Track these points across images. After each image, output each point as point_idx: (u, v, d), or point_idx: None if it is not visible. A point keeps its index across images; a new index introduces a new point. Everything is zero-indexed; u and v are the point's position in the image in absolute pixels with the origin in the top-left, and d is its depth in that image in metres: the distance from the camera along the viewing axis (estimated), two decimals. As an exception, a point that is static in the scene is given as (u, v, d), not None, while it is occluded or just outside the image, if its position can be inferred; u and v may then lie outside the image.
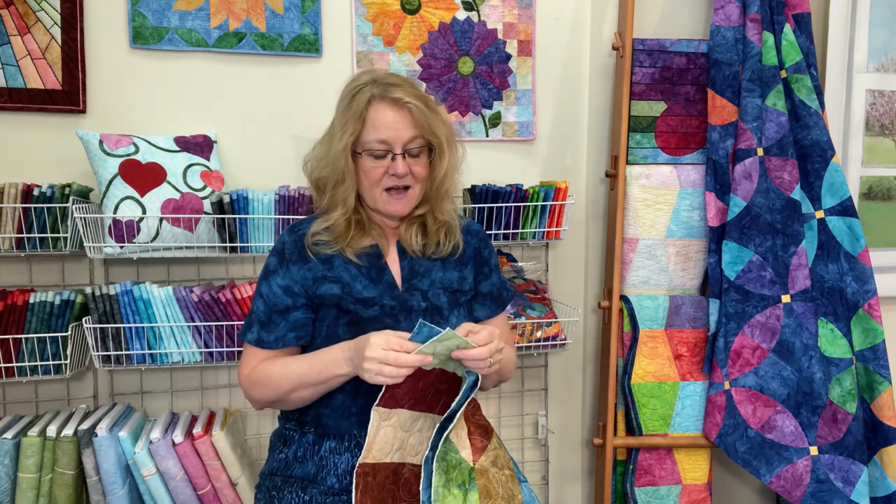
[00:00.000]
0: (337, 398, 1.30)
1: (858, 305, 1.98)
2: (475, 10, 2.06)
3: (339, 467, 1.29)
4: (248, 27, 1.91)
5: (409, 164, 1.31)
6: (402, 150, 1.30)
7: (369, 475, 1.20)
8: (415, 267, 1.36)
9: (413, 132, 1.30)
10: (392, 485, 1.23)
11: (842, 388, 1.96)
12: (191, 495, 1.68)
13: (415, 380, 1.23)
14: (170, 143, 1.80)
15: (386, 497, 1.22)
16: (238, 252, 1.77)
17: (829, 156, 1.97)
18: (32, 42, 1.80)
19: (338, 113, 1.34)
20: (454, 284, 1.38)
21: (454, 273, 1.39)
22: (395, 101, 1.29)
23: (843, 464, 1.92)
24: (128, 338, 1.74)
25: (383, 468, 1.22)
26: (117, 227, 1.67)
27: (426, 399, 1.26)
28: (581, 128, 2.18)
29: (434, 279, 1.36)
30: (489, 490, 1.25)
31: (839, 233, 1.99)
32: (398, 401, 1.23)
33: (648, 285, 2.06)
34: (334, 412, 1.31)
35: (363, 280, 1.32)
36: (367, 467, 1.20)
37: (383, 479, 1.22)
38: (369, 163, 1.31)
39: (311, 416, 1.33)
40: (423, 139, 1.32)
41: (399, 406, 1.24)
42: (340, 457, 1.30)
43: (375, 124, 1.29)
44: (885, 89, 2.25)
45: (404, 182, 1.32)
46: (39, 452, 1.63)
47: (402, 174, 1.30)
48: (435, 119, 1.32)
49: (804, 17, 2.00)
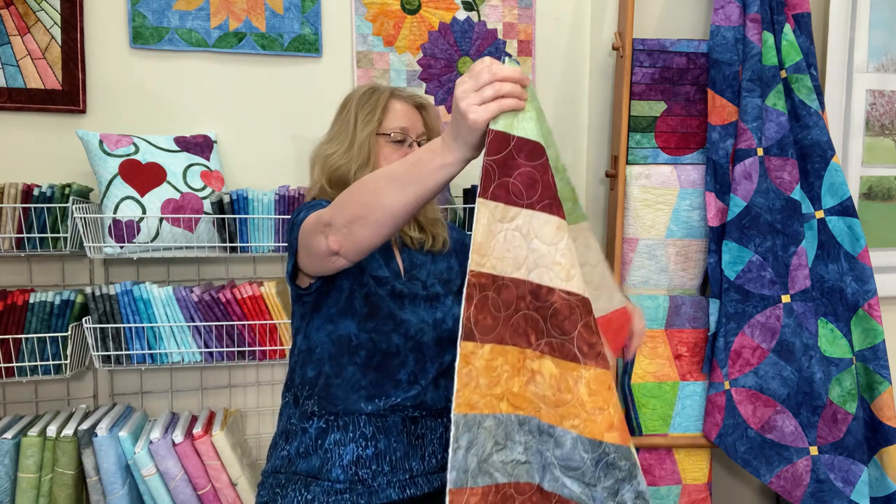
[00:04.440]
0: (348, 370, 1.31)
1: (858, 305, 1.98)
2: (475, 10, 2.06)
3: (345, 458, 1.30)
4: (248, 27, 1.91)
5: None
6: (416, 139, 1.43)
7: (489, 291, 0.90)
8: (413, 259, 1.42)
9: (423, 129, 1.45)
10: (538, 312, 0.92)
11: (842, 388, 1.96)
12: (191, 495, 1.68)
13: (538, 163, 0.91)
14: (170, 143, 1.80)
15: (527, 329, 0.92)
16: (238, 252, 1.77)
17: (829, 156, 1.97)
18: (32, 42, 1.80)
19: (355, 108, 1.43)
20: (445, 274, 1.45)
21: (443, 264, 1.46)
22: (411, 99, 1.46)
23: (843, 464, 1.92)
24: (128, 338, 1.74)
25: (512, 284, 0.91)
26: (117, 227, 1.67)
27: (556, 199, 0.93)
28: (581, 128, 2.18)
29: (430, 270, 1.43)
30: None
31: (839, 233, 1.99)
32: (517, 191, 0.91)
33: (648, 285, 2.06)
34: (344, 383, 1.31)
35: (378, 260, 1.37)
36: (480, 278, 0.89)
37: (517, 301, 0.92)
38: (389, 149, 1.41)
39: (321, 388, 1.33)
40: (427, 135, 1.45)
41: (522, 202, 0.91)
42: (345, 448, 1.30)
43: (396, 115, 1.42)
44: (885, 89, 2.25)
45: None
46: (39, 452, 1.63)
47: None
48: (439, 123, 1.48)
49: (804, 17, 2.00)
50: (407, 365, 1.33)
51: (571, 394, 0.91)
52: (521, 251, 0.92)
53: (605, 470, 0.92)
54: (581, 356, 0.91)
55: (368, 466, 1.30)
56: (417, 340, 1.34)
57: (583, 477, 0.93)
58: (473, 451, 0.91)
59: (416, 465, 1.32)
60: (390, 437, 1.31)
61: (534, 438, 0.95)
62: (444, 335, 1.37)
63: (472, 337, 0.90)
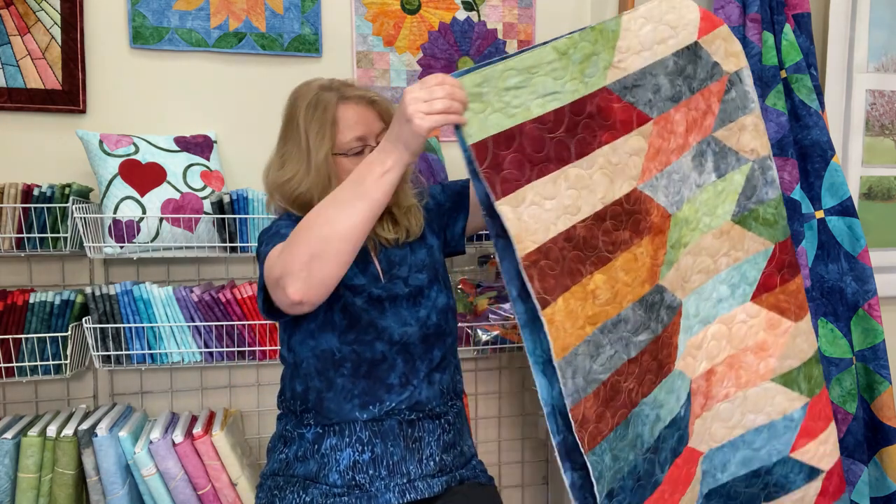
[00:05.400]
0: (337, 382, 1.30)
1: (858, 305, 1.98)
2: (475, 10, 2.06)
3: (342, 464, 1.29)
4: (248, 27, 1.91)
5: None
6: (376, 141, 1.32)
7: (540, 261, 1.10)
8: (391, 258, 1.38)
9: (381, 123, 1.34)
10: (574, 249, 1.14)
11: (842, 388, 1.96)
12: (191, 495, 1.68)
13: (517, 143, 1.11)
14: (170, 143, 1.80)
15: (574, 266, 1.14)
16: (238, 252, 1.77)
17: (829, 156, 1.97)
18: (32, 42, 1.80)
19: (304, 124, 1.31)
20: (427, 259, 1.40)
21: (422, 251, 1.41)
22: (360, 98, 1.32)
23: (843, 464, 1.92)
24: (128, 338, 1.74)
25: (551, 244, 1.12)
26: (117, 227, 1.67)
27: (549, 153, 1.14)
28: (581, 128, 2.18)
29: (410, 264, 1.38)
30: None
31: (839, 233, 1.99)
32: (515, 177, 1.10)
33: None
34: (336, 395, 1.31)
35: (354, 269, 1.33)
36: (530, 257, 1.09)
37: (559, 252, 1.12)
38: (350, 163, 1.31)
39: (313, 402, 1.32)
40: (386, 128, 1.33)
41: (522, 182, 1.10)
42: (342, 453, 1.30)
43: (349, 124, 1.30)
44: (885, 89, 2.25)
45: None
46: (39, 452, 1.63)
47: None
48: (392, 107, 1.34)
49: (804, 17, 2.00)
50: (396, 368, 1.31)
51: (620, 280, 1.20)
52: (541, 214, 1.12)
53: (651, 311, 1.24)
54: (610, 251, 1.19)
55: (365, 471, 1.29)
56: (403, 343, 1.31)
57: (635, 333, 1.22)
58: (579, 374, 1.14)
59: (414, 469, 1.31)
60: (387, 442, 1.30)
61: (610, 334, 1.18)
62: (430, 331, 1.35)
63: (546, 303, 1.11)
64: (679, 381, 1.31)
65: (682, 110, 1.29)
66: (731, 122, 1.36)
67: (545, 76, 1.14)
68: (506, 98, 1.11)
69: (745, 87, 1.37)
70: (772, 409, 1.43)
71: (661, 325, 1.26)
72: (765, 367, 1.42)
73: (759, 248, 1.40)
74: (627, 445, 1.21)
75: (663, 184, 1.27)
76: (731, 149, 1.37)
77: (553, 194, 1.13)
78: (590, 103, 1.18)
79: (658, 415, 1.26)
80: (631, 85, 1.22)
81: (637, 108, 1.23)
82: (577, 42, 1.17)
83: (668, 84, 1.27)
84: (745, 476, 1.44)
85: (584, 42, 1.18)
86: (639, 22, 1.24)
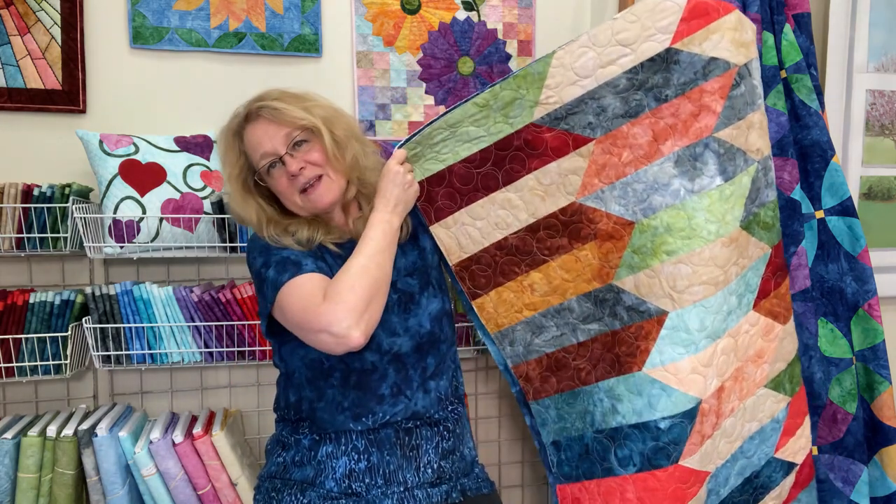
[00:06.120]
0: (328, 393, 1.30)
1: (858, 305, 1.98)
2: (475, 10, 2.06)
3: (338, 471, 1.29)
4: (248, 27, 1.91)
5: (301, 156, 1.30)
6: (286, 150, 1.30)
7: (471, 266, 1.44)
8: None
9: (282, 131, 1.30)
10: (507, 255, 1.43)
11: (842, 388, 1.96)
12: (191, 495, 1.68)
13: (447, 181, 1.42)
14: (170, 143, 1.80)
15: (507, 267, 1.44)
16: (238, 252, 1.77)
17: (828, 156, 1.97)
18: (32, 42, 1.80)
19: (228, 168, 1.36)
20: (417, 264, 1.39)
21: (413, 253, 1.40)
22: (252, 117, 1.33)
23: (843, 464, 1.92)
24: (128, 338, 1.74)
25: (483, 253, 1.43)
26: (117, 227, 1.67)
27: (477, 185, 1.42)
28: (581, 128, 2.18)
29: (399, 268, 1.36)
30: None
31: (839, 233, 1.99)
32: (448, 206, 1.42)
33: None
34: (328, 406, 1.30)
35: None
36: (461, 264, 1.45)
37: (490, 258, 1.44)
38: (271, 180, 1.32)
39: (306, 412, 1.32)
40: (297, 129, 1.30)
41: (455, 209, 1.42)
42: (338, 461, 1.29)
43: (252, 146, 1.32)
44: (885, 89, 2.25)
45: (305, 176, 1.30)
46: (39, 452, 1.63)
47: (297, 170, 1.29)
48: (296, 107, 1.31)
49: (804, 17, 2.00)
50: (388, 378, 1.29)
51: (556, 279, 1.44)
52: (471, 231, 1.44)
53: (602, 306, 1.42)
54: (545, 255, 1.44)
55: (361, 480, 1.28)
56: (394, 353, 1.30)
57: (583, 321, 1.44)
58: (518, 344, 1.49)
59: (411, 478, 1.30)
60: (383, 451, 1.29)
61: (554, 318, 1.45)
62: (423, 340, 1.33)
63: (476, 296, 1.48)
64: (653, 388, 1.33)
65: (644, 122, 1.30)
66: (739, 120, 1.31)
67: (469, 126, 1.37)
68: (436, 149, 1.40)
69: (753, 80, 1.32)
70: (763, 414, 1.42)
71: (620, 323, 1.38)
72: (760, 375, 1.41)
73: (759, 253, 1.38)
74: (575, 413, 1.45)
75: (616, 194, 1.34)
76: (740, 149, 1.32)
77: (483, 216, 1.42)
78: (517, 139, 1.37)
79: (614, 406, 1.38)
80: (564, 115, 1.34)
81: (573, 133, 1.34)
82: (497, 93, 1.35)
83: (620, 102, 1.30)
84: (741, 485, 1.43)
85: (506, 91, 1.34)
86: (576, 53, 1.30)
